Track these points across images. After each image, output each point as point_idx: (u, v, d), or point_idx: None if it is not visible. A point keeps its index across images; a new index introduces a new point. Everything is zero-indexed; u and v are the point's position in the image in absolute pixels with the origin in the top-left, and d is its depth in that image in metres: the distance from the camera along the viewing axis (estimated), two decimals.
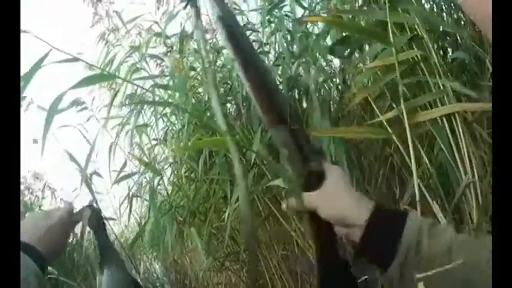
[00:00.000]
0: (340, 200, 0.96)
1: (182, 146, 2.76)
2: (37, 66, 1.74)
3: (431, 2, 2.33)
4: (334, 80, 2.83)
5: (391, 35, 1.84)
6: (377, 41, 1.97)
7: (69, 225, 1.42)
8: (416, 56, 1.89)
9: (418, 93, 1.92)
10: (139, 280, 4.48)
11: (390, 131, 1.86)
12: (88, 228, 1.50)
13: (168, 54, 3.41)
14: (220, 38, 0.90)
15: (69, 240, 1.56)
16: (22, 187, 5.15)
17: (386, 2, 1.85)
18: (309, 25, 2.86)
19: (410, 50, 1.86)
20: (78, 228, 1.52)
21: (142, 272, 4.59)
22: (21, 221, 1.34)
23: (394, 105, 1.92)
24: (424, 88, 1.91)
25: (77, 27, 4.21)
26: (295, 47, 2.88)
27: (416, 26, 1.91)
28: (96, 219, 1.50)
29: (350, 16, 2.25)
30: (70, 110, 3.09)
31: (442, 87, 1.83)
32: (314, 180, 0.97)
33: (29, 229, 1.31)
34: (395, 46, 1.82)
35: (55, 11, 5.05)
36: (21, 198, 5.09)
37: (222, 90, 3.06)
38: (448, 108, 1.77)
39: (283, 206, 1.06)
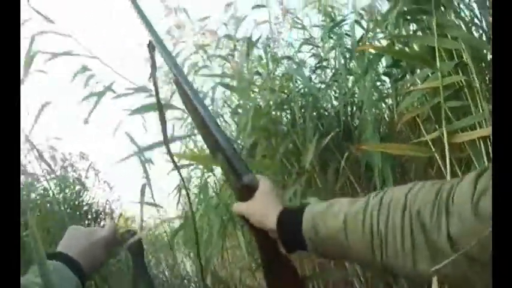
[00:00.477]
0: (261, 209, 1.20)
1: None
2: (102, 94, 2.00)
3: (480, 31, 2.44)
4: (386, 100, 3.02)
5: (437, 61, 2.03)
6: (425, 66, 2.15)
7: (111, 245, 1.46)
8: (461, 81, 2.06)
9: (462, 116, 2.07)
10: (167, 273, 4.65)
11: (433, 149, 2.07)
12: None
13: (229, 57, 3.61)
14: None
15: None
16: (66, 163, 5.35)
17: (435, 28, 2.05)
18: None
19: (455, 75, 2.05)
20: None
21: (172, 266, 4.70)
22: (65, 233, 1.42)
23: (437, 127, 2.10)
24: (468, 113, 2.06)
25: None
26: (352, 64, 3.06)
27: (463, 53, 2.07)
28: (137, 244, 1.59)
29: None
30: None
31: (481, 112, 1.99)
32: (248, 192, 1.22)
33: (71, 243, 1.36)
34: (441, 71, 2.01)
35: None
36: (63, 174, 5.30)
37: (278, 99, 3.20)
38: (483, 131, 1.94)
39: None
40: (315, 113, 3.00)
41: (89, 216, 5.48)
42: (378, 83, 3.01)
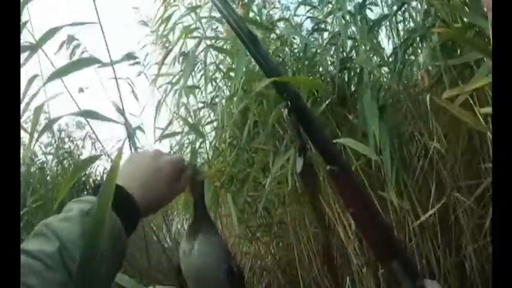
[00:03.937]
0: None
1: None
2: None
3: None
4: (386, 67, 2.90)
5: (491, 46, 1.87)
6: (479, 52, 1.99)
7: (178, 178, 1.14)
8: None
9: None
10: (169, 240, 4.54)
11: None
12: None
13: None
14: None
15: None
16: (63, 134, 5.21)
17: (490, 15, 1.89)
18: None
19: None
20: None
21: (174, 232, 4.62)
22: (126, 159, 1.12)
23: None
24: None
25: None
26: (352, 28, 2.89)
27: None
28: (200, 183, 1.34)
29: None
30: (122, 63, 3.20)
31: None
32: None
33: (133, 171, 1.07)
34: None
35: None
36: (61, 145, 5.21)
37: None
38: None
39: None
40: (310, 78, 2.87)
41: (87, 186, 5.38)
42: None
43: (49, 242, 0.84)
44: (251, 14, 3.23)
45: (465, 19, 2.18)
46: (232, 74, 3.13)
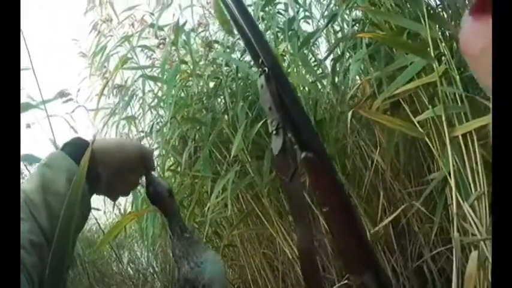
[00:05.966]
0: None
1: None
2: None
3: None
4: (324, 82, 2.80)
5: (431, 50, 1.85)
6: (417, 55, 1.95)
7: (139, 167, 1.14)
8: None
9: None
10: (129, 269, 4.43)
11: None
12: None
13: (160, 46, 3.38)
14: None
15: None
16: None
17: (426, 19, 1.88)
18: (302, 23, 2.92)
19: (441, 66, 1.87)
20: None
21: (127, 262, 4.53)
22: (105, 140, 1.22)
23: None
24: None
25: (75, 12, 4.13)
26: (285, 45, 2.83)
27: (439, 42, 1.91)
28: (170, 198, 1.21)
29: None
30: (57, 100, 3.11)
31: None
32: None
33: (106, 149, 1.08)
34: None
35: None
36: None
37: (211, 84, 3.07)
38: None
39: None
40: (249, 98, 2.81)
41: None
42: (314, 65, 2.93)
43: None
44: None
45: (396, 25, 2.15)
46: (170, 101, 3.05)
